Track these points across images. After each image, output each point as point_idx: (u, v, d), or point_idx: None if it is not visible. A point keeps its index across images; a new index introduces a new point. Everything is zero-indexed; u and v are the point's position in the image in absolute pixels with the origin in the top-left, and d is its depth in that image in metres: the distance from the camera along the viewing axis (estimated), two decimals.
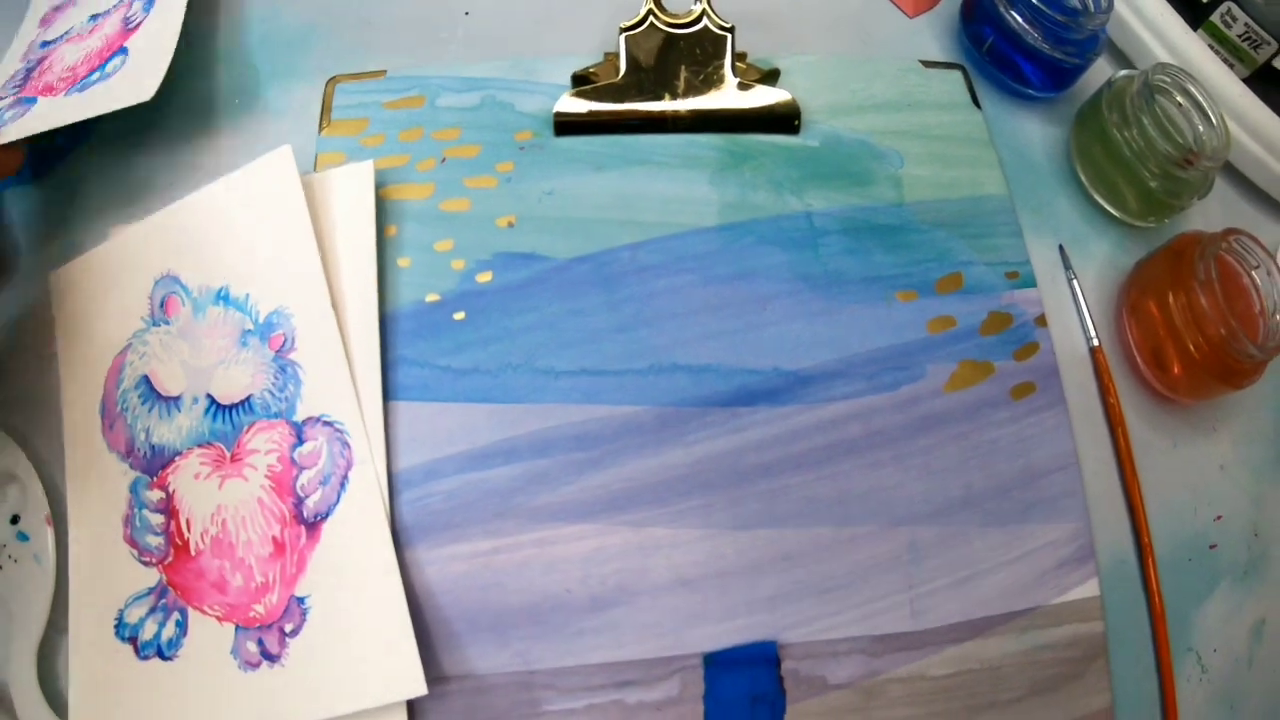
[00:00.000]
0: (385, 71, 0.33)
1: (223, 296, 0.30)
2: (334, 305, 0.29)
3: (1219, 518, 0.32)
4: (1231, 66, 0.35)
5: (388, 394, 0.28)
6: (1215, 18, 0.35)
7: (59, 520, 0.29)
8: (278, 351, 0.29)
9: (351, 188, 0.30)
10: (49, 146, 0.34)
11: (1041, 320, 0.32)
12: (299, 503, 0.27)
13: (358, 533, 0.27)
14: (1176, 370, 0.33)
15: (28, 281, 0.33)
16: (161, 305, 0.30)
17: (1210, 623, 0.31)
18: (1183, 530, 0.32)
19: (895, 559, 0.28)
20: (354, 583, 0.26)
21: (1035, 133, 0.36)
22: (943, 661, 0.28)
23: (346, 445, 0.27)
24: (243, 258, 0.30)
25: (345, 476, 0.27)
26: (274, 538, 0.27)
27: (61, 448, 0.29)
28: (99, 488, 0.29)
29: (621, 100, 0.30)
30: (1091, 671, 0.29)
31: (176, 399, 0.29)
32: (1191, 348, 0.31)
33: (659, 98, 0.30)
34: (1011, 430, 0.30)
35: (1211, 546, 0.32)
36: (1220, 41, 0.36)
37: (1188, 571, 0.31)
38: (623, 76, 0.30)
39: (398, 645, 0.25)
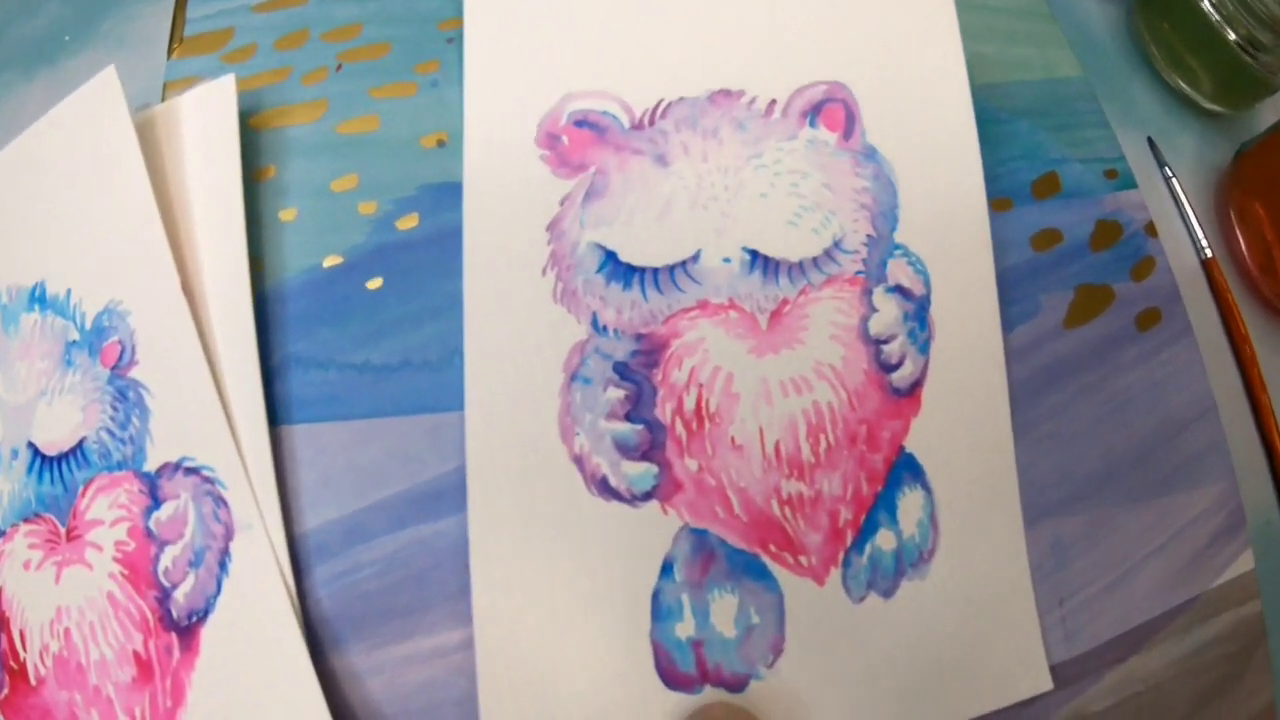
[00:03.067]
0: None
1: (38, 298, 0.16)
2: (186, 290, 0.15)
3: None
4: None
5: (279, 416, 0.14)
6: None
7: None
8: (113, 368, 0.15)
9: (207, 116, 0.16)
10: None
11: (1150, 229, 0.20)
12: (164, 597, 0.14)
13: (251, 637, 0.13)
14: None
15: None
16: None
17: None
18: None
19: (1037, 566, 0.16)
20: (257, 717, 0.13)
21: (1091, 9, 0.24)
22: (1103, 692, 0.17)
23: (222, 503, 0.14)
24: (58, 237, 0.16)
25: (225, 551, 0.14)
26: (135, 653, 0.14)
27: None
28: None
29: None
30: (1252, 666, 0.18)
31: None
32: None
33: None
34: (1143, 373, 0.18)
35: None
36: None
37: None
38: None
39: None
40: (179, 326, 0.15)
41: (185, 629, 0.14)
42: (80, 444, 0.16)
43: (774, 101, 0.16)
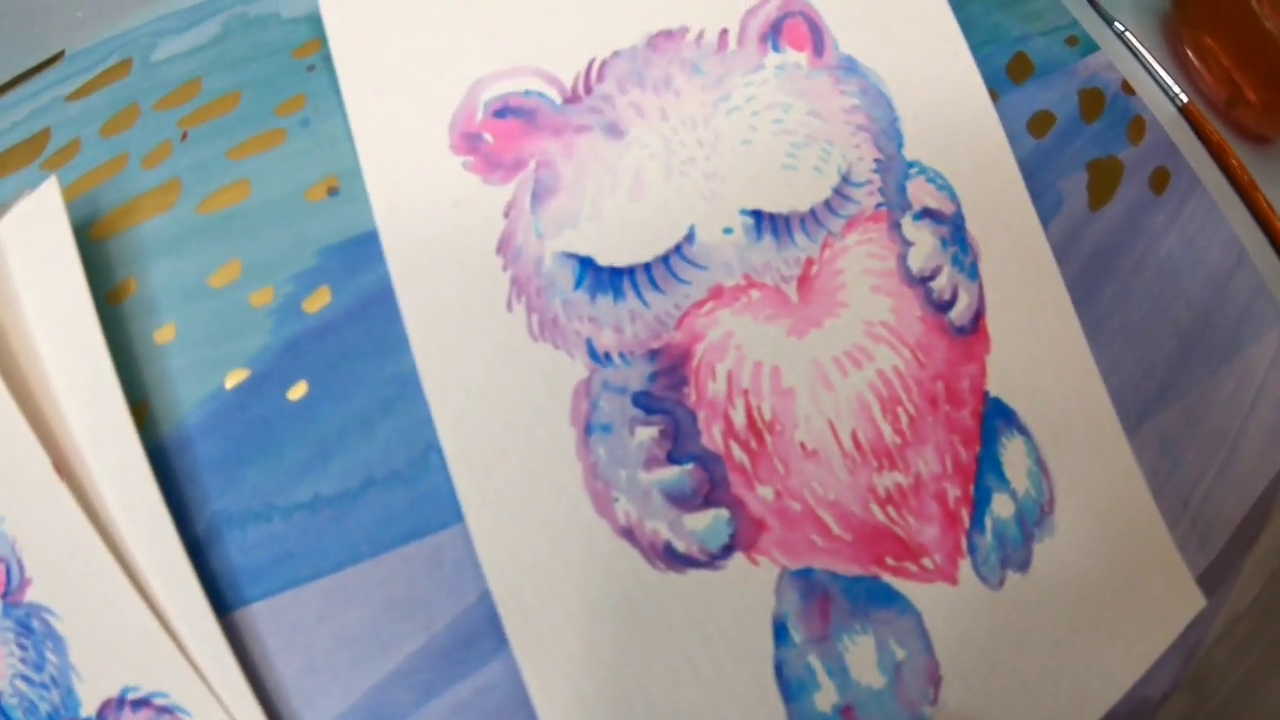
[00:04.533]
0: (63, 52, 0.14)
1: None
2: (61, 471, 0.10)
3: None
4: None
5: (227, 600, 0.10)
6: None
7: None
8: (3, 596, 0.10)
9: (33, 242, 0.11)
10: None
11: (1127, 87, 0.16)
12: None
13: None
14: (1255, 99, 0.18)
15: None
16: None
17: None
18: None
19: (1155, 473, 0.13)
20: None
21: None
22: (1249, 580, 0.14)
23: None
24: None
25: None
26: None
27: None
28: None
29: None
30: None
31: None
32: None
33: None
34: (1176, 236, 0.15)
35: None
36: None
37: None
38: None
39: None
40: (67, 520, 0.10)
41: None
42: None
43: (725, 31, 0.12)
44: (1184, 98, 0.19)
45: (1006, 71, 0.16)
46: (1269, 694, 0.14)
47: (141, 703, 0.10)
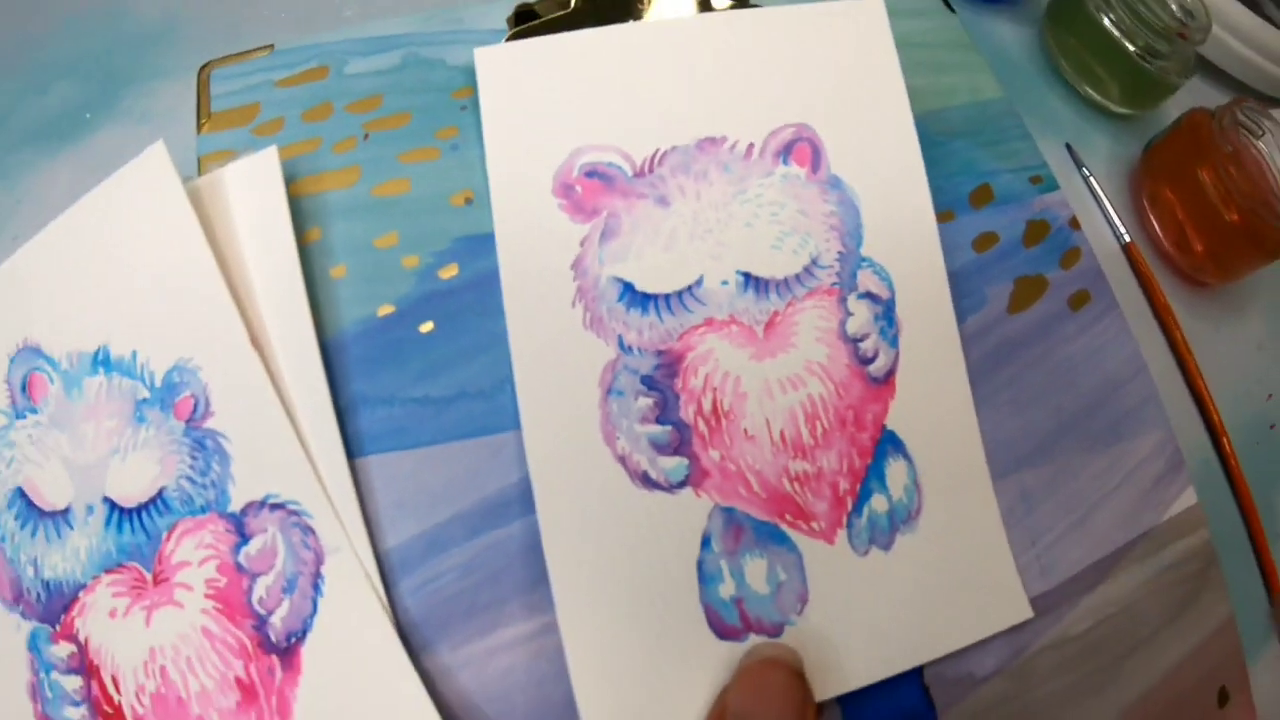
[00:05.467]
0: (272, 46, 0.22)
1: (101, 361, 0.19)
2: (254, 343, 0.18)
3: (1270, 396, 0.27)
4: None
5: (352, 450, 0.18)
6: None
7: None
8: (189, 421, 0.18)
9: (253, 186, 0.20)
10: None
11: (1074, 223, 0.25)
12: (261, 623, 0.17)
13: (351, 648, 0.17)
14: (1200, 250, 0.27)
15: None
16: (23, 389, 0.19)
17: None
18: (1241, 416, 0.26)
19: (1010, 514, 0.20)
20: (365, 718, 0.16)
21: (1007, 33, 0.29)
22: (1081, 615, 0.21)
23: (309, 531, 0.17)
24: (120, 303, 0.19)
25: (317, 574, 0.17)
26: (237, 679, 0.17)
27: None
28: None
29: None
30: (1210, 583, 0.23)
31: (64, 512, 0.18)
32: (1226, 217, 0.25)
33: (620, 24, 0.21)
34: (1081, 343, 0.23)
35: (1271, 427, 0.26)
36: None
37: (1258, 456, 0.26)
38: (575, 3, 0.21)
39: None
40: (253, 377, 0.18)
41: (285, 650, 0.17)
42: (160, 493, 0.19)
43: (752, 145, 0.20)
44: (1127, 238, 0.27)
45: (969, 198, 0.24)
46: (1082, 712, 0.22)
47: (277, 506, 0.18)
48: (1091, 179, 0.27)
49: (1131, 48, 0.27)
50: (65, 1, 0.26)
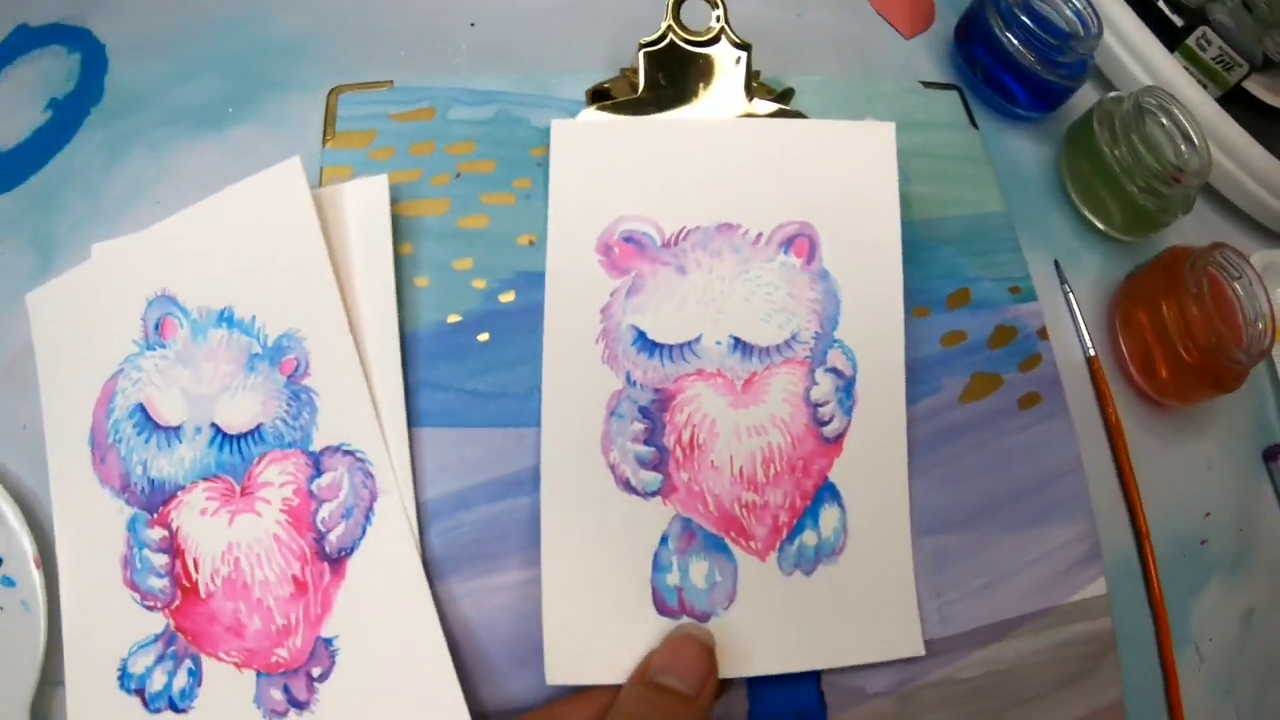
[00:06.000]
0: (392, 82, 0.31)
1: (226, 318, 0.27)
2: (350, 326, 0.26)
3: (1208, 514, 0.33)
4: (1205, 87, 0.36)
5: (411, 420, 0.26)
6: (1191, 41, 0.36)
7: (48, 562, 0.26)
8: (290, 377, 0.27)
9: (365, 203, 0.28)
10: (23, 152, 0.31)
11: (1043, 333, 0.32)
12: (320, 538, 0.25)
13: (387, 568, 0.25)
14: (1165, 375, 0.33)
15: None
16: (156, 328, 0.28)
17: (1205, 614, 0.31)
18: (1176, 527, 0.32)
19: (922, 567, 0.28)
20: (386, 621, 0.24)
21: (1026, 151, 0.36)
22: (971, 664, 0.28)
23: (369, 476, 0.25)
24: (248, 277, 0.27)
25: (370, 509, 0.25)
26: (294, 576, 0.25)
27: (47, 483, 0.27)
28: (92, 527, 0.26)
29: (640, 115, 0.29)
30: (1103, 666, 0.29)
31: (176, 429, 0.27)
32: (1183, 353, 0.32)
33: (677, 113, 0.29)
34: (1023, 438, 0.30)
35: (1203, 542, 0.33)
36: (1194, 63, 0.37)
37: (1182, 566, 0.32)
38: (642, 91, 0.29)
39: (438, 684, 0.23)
40: (345, 352, 0.27)
41: (335, 560, 0.26)
42: (258, 428, 0.27)
43: (760, 234, 0.28)
44: (1092, 352, 0.34)
45: (947, 299, 0.32)
46: None
47: (348, 452, 0.26)
48: (1071, 294, 0.34)
49: (1132, 185, 0.34)
50: (218, 3, 0.35)
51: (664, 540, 0.25)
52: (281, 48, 0.33)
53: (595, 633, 0.24)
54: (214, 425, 0.27)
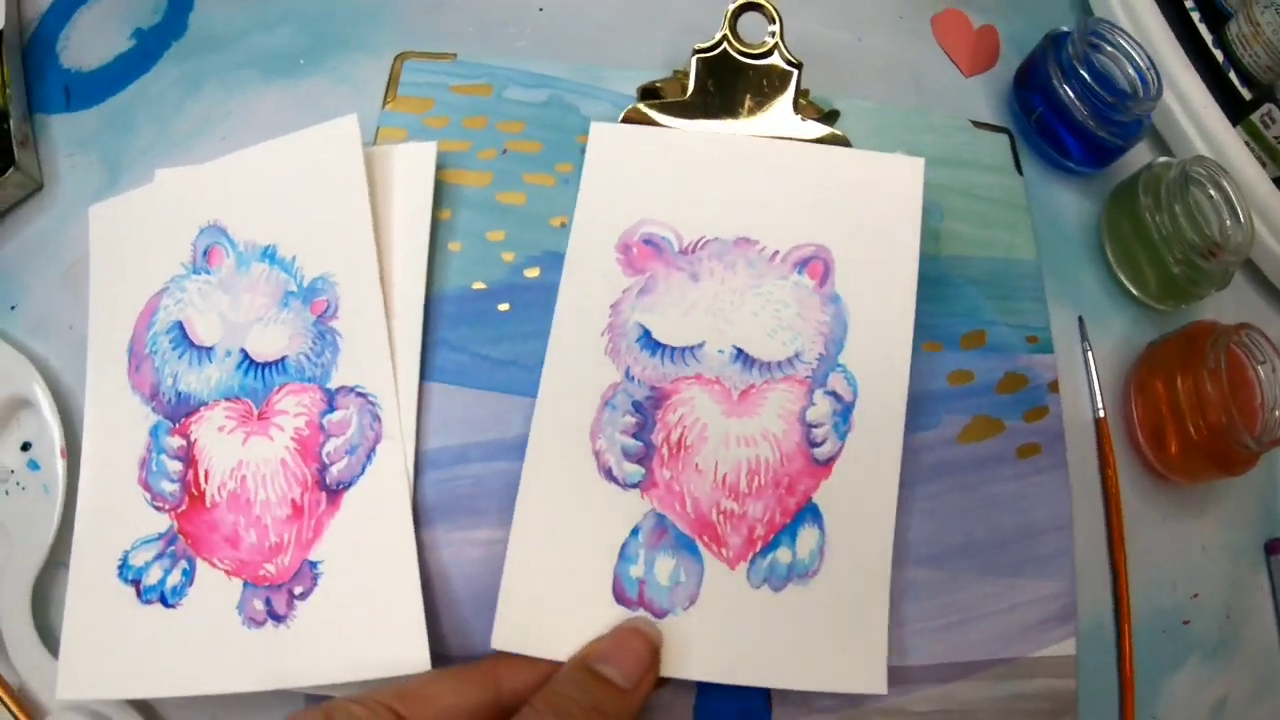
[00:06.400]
0: (456, 55, 0.32)
1: (269, 255, 0.29)
2: (381, 279, 0.28)
3: (1195, 595, 0.33)
4: (1264, 165, 0.36)
5: (424, 374, 0.28)
6: (1255, 117, 0.36)
7: (73, 453, 0.29)
8: (319, 317, 0.29)
9: (413, 166, 0.30)
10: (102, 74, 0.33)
11: (1054, 386, 0.32)
12: (323, 469, 0.27)
13: (379, 506, 0.26)
14: (1174, 450, 0.33)
15: (64, 208, 0.32)
16: (204, 254, 0.30)
17: (1176, 695, 0.31)
18: (1160, 603, 0.32)
19: (893, 596, 0.28)
20: (369, 554, 0.26)
21: (1069, 204, 0.36)
22: (926, 698, 0.28)
23: (377, 419, 0.27)
24: (294, 220, 0.29)
25: (372, 449, 0.27)
26: (293, 500, 0.27)
27: (83, 381, 0.29)
28: (118, 427, 0.28)
29: (686, 118, 0.30)
30: None
31: (209, 349, 0.29)
32: (1192, 431, 0.31)
33: (721, 121, 0.30)
34: (1014, 487, 0.30)
35: (1185, 622, 0.32)
36: (1256, 139, 0.36)
37: (1160, 643, 0.32)
38: (690, 95, 0.30)
39: (406, 620, 0.25)
40: (372, 301, 0.28)
41: (333, 492, 0.27)
42: (283, 359, 0.29)
43: (777, 252, 0.29)
44: (1101, 413, 0.34)
45: (961, 338, 0.32)
46: None
47: (361, 394, 0.28)
48: (1089, 353, 0.34)
49: (1169, 254, 0.34)
50: None
51: (635, 532, 0.26)
52: (357, 10, 0.35)
53: (549, 608, 0.25)
54: (243, 351, 0.29)
